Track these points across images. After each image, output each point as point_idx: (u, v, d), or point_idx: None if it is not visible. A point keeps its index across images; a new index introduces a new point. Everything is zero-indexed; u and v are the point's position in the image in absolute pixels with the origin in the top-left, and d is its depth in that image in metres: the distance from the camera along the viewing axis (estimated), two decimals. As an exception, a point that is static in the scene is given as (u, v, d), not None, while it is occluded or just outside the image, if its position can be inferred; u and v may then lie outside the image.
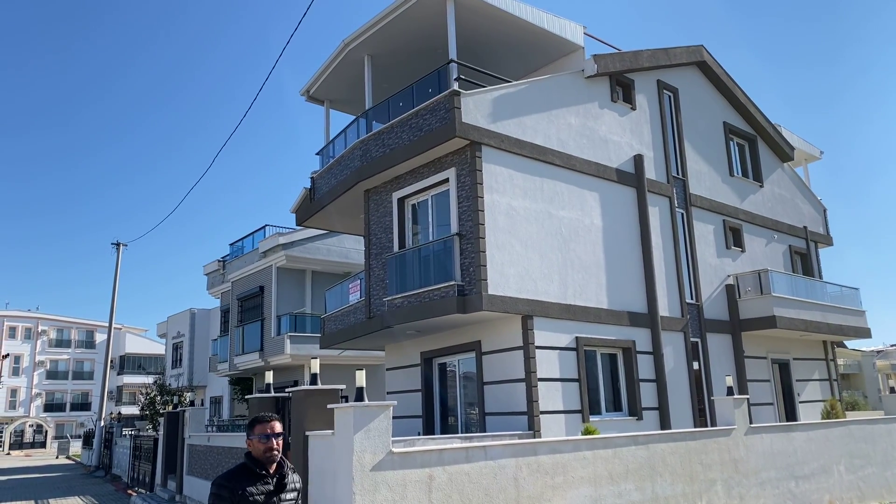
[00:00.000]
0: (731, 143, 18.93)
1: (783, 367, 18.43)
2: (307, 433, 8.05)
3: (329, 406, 7.74)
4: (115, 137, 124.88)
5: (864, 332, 19.81)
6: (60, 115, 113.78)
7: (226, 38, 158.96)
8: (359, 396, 7.28)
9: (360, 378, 7.43)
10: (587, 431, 10.76)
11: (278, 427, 3.85)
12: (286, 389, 9.27)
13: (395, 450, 7.31)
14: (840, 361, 60.88)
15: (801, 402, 18.26)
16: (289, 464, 3.88)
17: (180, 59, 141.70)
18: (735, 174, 18.54)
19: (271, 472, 3.77)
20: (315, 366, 8.54)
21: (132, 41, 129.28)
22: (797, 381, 18.51)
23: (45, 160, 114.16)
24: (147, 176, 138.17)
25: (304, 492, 7.78)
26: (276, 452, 3.77)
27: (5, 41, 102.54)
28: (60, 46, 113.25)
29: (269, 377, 10.14)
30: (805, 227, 20.66)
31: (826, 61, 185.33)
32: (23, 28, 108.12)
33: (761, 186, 19.35)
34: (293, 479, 3.87)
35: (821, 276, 20.72)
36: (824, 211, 22.06)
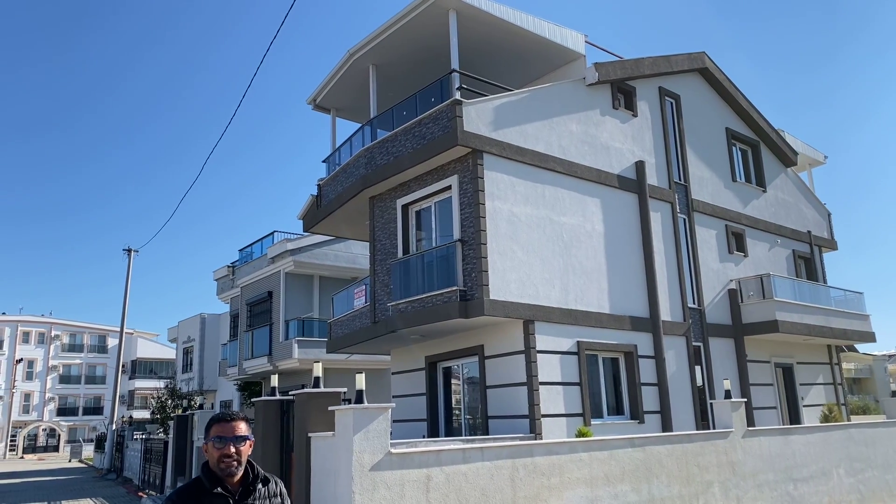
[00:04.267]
0: (734, 148, 19.05)
1: (787, 371, 18.51)
2: (310, 434, 8.29)
3: (330, 408, 7.98)
4: (126, 139, 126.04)
5: (869, 337, 19.84)
6: (68, 118, 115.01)
7: (233, 39, 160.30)
8: (358, 399, 7.51)
9: (360, 381, 7.67)
10: (580, 434, 10.94)
11: (242, 429, 3.00)
12: (289, 392, 9.51)
13: (393, 450, 7.53)
14: (851, 366, 60.71)
15: (804, 406, 18.33)
16: (262, 473, 3.09)
17: (187, 58, 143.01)
18: (738, 179, 18.66)
19: (231, 487, 2.95)
20: (318, 369, 8.78)
21: (136, 43, 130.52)
22: (801, 385, 18.58)
23: (54, 164, 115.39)
24: (159, 178, 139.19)
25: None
26: (234, 462, 2.94)
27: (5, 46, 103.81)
28: (64, 49, 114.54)
29: (275, 381, 10.38)
30: (809, 232, 20.73)
31: (821, 62, 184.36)
32: (23, 32, 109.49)
33: (764, 191, 19.45)
34: (266, 492, 3.04)
35: (825, 281, 20.76)
36: (828, 215, 22.11)
